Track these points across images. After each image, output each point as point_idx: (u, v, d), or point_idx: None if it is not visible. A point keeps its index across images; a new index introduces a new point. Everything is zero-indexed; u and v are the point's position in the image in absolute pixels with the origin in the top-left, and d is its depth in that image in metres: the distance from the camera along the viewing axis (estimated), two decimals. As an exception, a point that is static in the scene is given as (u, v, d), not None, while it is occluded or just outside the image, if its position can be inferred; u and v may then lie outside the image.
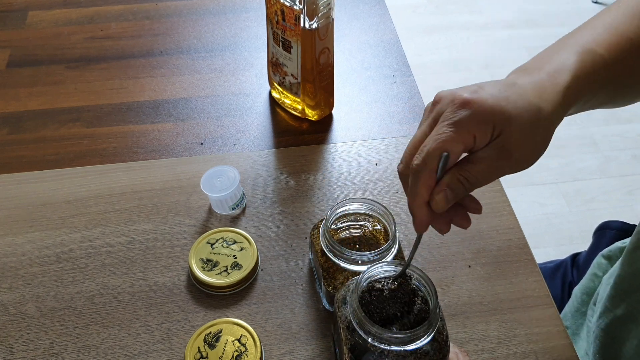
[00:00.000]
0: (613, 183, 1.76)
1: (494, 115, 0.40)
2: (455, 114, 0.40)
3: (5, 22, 0.94)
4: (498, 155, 0.41)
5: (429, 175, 0.41)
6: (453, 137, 0.40)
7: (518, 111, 0.41)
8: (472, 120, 0.40)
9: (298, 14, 0.67)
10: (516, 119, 0.40)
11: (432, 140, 0.41)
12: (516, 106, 0.41)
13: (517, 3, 2.37)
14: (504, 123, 0.40)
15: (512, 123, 0.40)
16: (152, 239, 0.66)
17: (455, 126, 0.40)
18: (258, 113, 0.81)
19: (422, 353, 0.46)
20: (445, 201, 0.42)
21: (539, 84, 0.43)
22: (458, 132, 0.40)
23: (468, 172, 0.41)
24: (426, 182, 0.41)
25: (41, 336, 0.59)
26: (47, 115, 0.80)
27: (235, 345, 0.57)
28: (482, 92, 0.41)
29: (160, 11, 0.96)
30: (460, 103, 0.40)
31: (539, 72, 0.44)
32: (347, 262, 0.54)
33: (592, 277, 0.73)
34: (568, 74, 0.44)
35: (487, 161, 0.41)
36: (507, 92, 0.41)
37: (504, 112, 0.40)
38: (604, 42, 0.47)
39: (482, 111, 0.40)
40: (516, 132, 0.41)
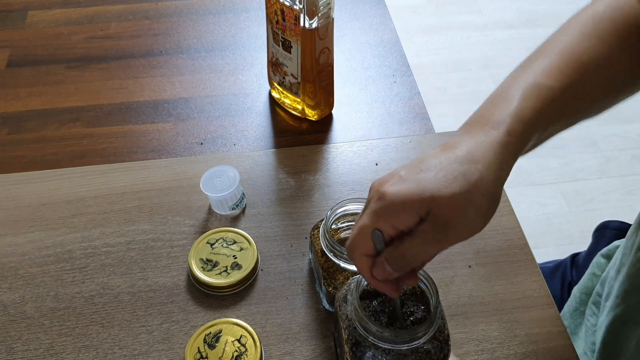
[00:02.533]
0: (613, 183, 1.76)
1: (412, 203, 0.41)
2: (374, 204, 0.42)
3: (5, 22, 0.94)
4: (432, 230, 0.41)
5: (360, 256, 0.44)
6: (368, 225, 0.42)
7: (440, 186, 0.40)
8: (387, 210, 0.41)
9: (298, 13, 0.67)
10: (439, 193, 0.40)
11: (357, 226, 0.43)
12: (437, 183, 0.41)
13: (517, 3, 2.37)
14: (429, 204, 0.40)
15: (437, 200, 0.40)
16: (152, 239, 0.66)
17: (372, 215, 0.42)
18: (258, 113, 0.81)
19: (423, 352, 0.46)
20: (384, 273, 0.43)
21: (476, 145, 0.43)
22: (375, 220, 0.42)
23: (404, 246, 0.42)
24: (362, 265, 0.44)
25: (41, 336, 0.59)
26: (47, 115, 0.80)
27: (235, 345, 0.56)
28: (401, 183, 0.42)
29: (160, 11, 0.96)
30: (377, 196, 0.42)
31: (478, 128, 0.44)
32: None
33: (592, 277, 0.73)
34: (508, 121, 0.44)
35: (423, 235, 0.41)
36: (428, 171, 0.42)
37: (423, 195, 0.40)
38: (554, 70, 0.47)
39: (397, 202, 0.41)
40: (444, 204, 0.40)
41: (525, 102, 0.45)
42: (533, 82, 0.46)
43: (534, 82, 0.46)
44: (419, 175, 0.42)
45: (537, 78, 0.47)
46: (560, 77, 0.47)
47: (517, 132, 0.44)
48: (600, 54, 0.49)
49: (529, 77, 0.47)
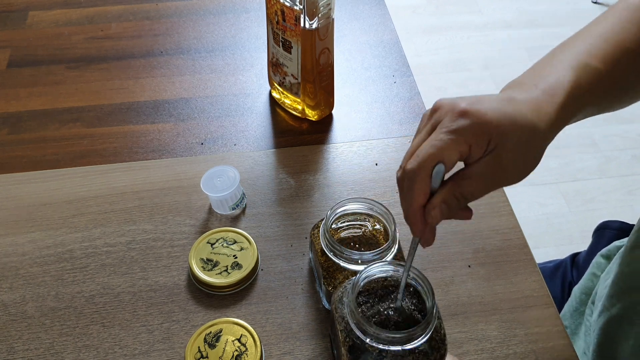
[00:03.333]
0: (613, 183, 1.76)
1: (491, 128, 0.40)
2: (454, 122, 0.41)
3: (6, 22, 0.94)
4: (493, 171, 0.41)
5: (424, 180, 0.41)
6: (450, 144, 0.40)
7: (514, 127, 0.41)
8: (470, 130, 0.40)
9: (298, 14, 0.67)
10: (512, 135, 0.41)
11: (429, 146, 0.41)
12: (513, 122, 0.41)
13: (517, 3, 2.37)
14: (500, 137, 0.40)
15: (508, 139, 0.41)
16: (153, 238, 0.66)
17: (453, 134, 0.40)
18: (258, 113, 0.81)
19: (420, 352, 0.46)
20: (441, 216, 0.42)
21: (536, 101, 0.43)
22: (455, 140, 0.40)
23: (463, 187, 0.42)
24: (421, 187, 0.42)
25: (41, 336, 0.59)
26: (47, 115, 0.80)
27: (235, 345, 0.57)
28: (482, 104, 0.41)
29: (160, 11, 0.96)
30: (459, 112, 0.41)
31: (535, 88, 0.45)
32: (347, 261, 0.54)
33: (591, 277, 0.73)
34: (564, 92, 0.44)
35: (482, 177, 0.41)
36: (505, 107, 0.42)
37: (500, 127, 0.40)
38: (599, 53, 0.47)
39: (480, 122, 0.40)
40: (511, 148, 0.41)
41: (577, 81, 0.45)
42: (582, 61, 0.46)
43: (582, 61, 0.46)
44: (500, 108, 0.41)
45: (585, 58, 0.47)
46: (606, 60, 0.47)
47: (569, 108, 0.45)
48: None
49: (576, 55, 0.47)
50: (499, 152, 0.41)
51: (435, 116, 0.43)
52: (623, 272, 0.60)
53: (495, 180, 0.42)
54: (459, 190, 0.41)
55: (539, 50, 2.12)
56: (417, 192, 0.42)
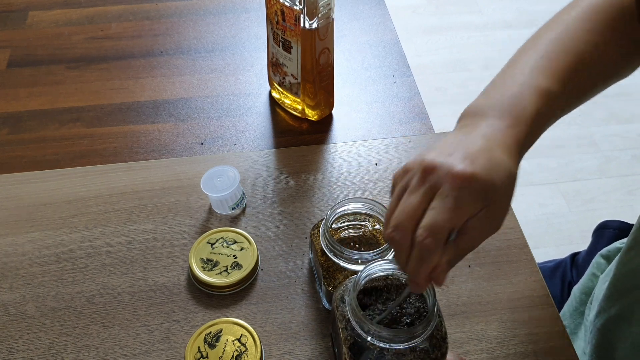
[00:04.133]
0: (613, 183, 1.76)
1: (487, 190, 0.41)
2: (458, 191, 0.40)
3: (6, 22, 0.94)
4: (489, 224, 0.42)
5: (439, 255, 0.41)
6: (460, 214, 0.40)
7: (502, 180, 0.41)
8: (472, 196, 0.40)
9: (298, 14, 0.67)
10: (501, 188, 0.41)
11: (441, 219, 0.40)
12: (500, 175, 0.41)
13: (517, 3, 2.37)
14: (492, 196, 0.41)
15: (499, 193, 0.42)
16: (152, 238, 0.66)
17: (459, 203, 0.40)
18: (258, 113, 0.81)
19: (421, 350, 0.46)
20: (446, 277, 0.43)
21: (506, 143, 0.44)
22: (463, 209, 0.40)
23: (464, 244, 0.42)
24: (435, 259, 0.41)
25: (41, 336, 0.59)
26: (47, 115, 0.80)
27: (235, 345, 0.57)
28: (475, 163, 0.41)
29: (160, 11, 0.96)
30: (461, 180, 0.40)
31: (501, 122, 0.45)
32: (347, 261, 0.54)
33: (591, 277, 0.73)
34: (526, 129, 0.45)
35: (479, 231, 0.42)
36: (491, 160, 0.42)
37: (494, 185, 0.41)
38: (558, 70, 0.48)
39: (480, 187, 0.40)
40: (501, 200, 0.42)
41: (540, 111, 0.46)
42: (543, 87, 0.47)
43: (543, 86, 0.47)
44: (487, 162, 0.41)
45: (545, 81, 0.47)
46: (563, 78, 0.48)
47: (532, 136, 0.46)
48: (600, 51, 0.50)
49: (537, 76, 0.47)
50: (492, 205, 0.42)
51: (432, 179, 0.41)
52: (620, 272, 0.60)
53: (490, 231, 0.43)
54: (460, 249, 0.42)
55: (539, 50, 2.11)
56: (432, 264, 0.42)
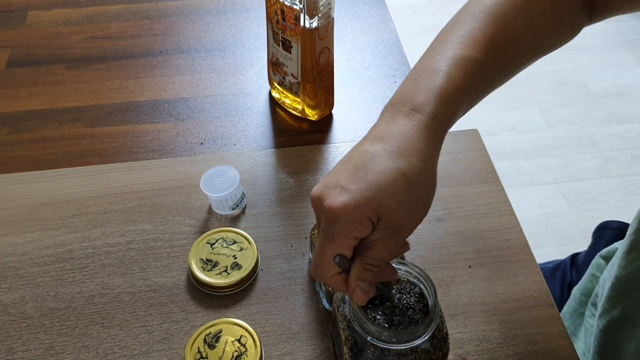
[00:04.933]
0: (613, 183, 1.76)
1: (365, 212, 0.40)
2: (329, 226, 0.41)
3: (5, 22, 0.94)
4: (389, 234, 0.41)
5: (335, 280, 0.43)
6: (336, 245, 0.41)
7: (385, 192, 0.40)
8: (346, 227, 0.40)
9: (298, 13, 0.67)
10: (387, 200, 0.40)
11: (319, 254, 0.42)
12: (381, 188, 0.40)
13: (517, 3, 2.37)
14: (377, 210, 0.40)
15: (386, 206, 0.40)
16: (152, 239, 0.66)
17: (333, 238, 0.41)
18: (258, 113, 0.81)
19: (422, 351, 0.46)
20: (364, 294, 0.43)
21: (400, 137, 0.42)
22: (338, 241, 0.41)
23: (370, 258, 0.42)
24: (335, 285, 0.43)
25: (41, 336, 0.59)
26: (47, 115, 0.80)
27: (235, 345, 0.56)
28: (345, 193, 0.40)
29: (160, 11, 0.96)
30: (330, 215, 0.40)
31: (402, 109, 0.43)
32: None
33: (591, 278, 0.73)
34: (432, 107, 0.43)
35: (382, 242, 0.41)
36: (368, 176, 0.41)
37: (373, 204, 0.40)
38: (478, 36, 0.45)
39: (351, 215, 0.40)
40: (393, 209, 0.40)
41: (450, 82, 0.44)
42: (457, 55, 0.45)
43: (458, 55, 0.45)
44: (361, 182, 0.40)
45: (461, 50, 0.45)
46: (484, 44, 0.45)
47: (443, 115, 0.43)
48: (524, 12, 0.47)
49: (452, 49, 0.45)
50: (385, 218, 0.41)
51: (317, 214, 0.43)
52: (621, 275, 0.60)
53: (396, 238, 0.42)
54: (367, 262, 0.42)
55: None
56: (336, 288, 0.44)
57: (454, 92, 0.44)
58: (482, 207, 0.69)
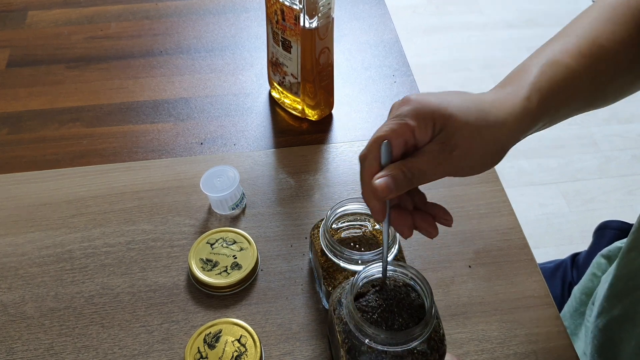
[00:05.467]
0: (613, 183, 1.76)
1: (433, 112, 0.42)
2: (398, 109, 0.43)
3: (5, 22, 0.94)
4: (439, 150, 0.42)
5: (371, 162, 0.43)
6: (393, 128, 0.42)
7: (460, 111, 0.42)
8: (411, 114, 0.42)
9: (298, 13, 0.67)
10: (457, 117, 0.42)
11: (376, 132, 0.43)
12: (458, 107, 0.43)
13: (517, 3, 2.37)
14: (444, 120, 0.42)
15: (453, 121, 0.42)
16: (152, 239, 0.66)
17: (396, 118, 0.43)
18: (258, 113, 0.81)
19: (418, 353, 0.46)
20: (387, 188, 0.42)
21: (499, 97, 0.45)
22: (398, 124, 0.42)
23: (410, 163, 0.43)
24: (369, 169, 0.43)
25: (41, 336, 0.59)
26: (47, 115, 0.80)
27: (235, 345, 0.56)
28: (430, 95, 0.44)
29: (160, 11, 0.96)
30: (403, 100, 0.44)
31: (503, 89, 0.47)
32: (347, 262, 0.54)
33: (592, 277, 0.73)
34: (527, 88, 0.46)
35: (429, 155, 0.43)
36: (453, 96, 0.44)
37: (443, 110, 0.42)
38: (571, 49, 0.48)
39: (421, 107, 0.42)
40: (458, 130, 0.42)
41: (543, 76, 0.47)
42: (551, 59, 0.48)
43: (552, 58, 0.48)
44: (445, 96, 0.44)
45: (556, 56, 0.48)
46: (578, 57, 0.48)
47: (534, 100, 0.46)
48: (618, 39, 0.50)
49: (547, 54, 0.49)
50: (445, 133, 0.42)
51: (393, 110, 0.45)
52: (621, 273, 0.60)
53: (444, 161, 0.43)
54: (405, 165, 0.42)
55: (539, 50, 2.11)
56: (366, 174, 0.43)
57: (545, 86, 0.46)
58: (482, 207, 0.69)
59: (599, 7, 0.52)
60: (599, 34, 0.49)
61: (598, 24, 0.50)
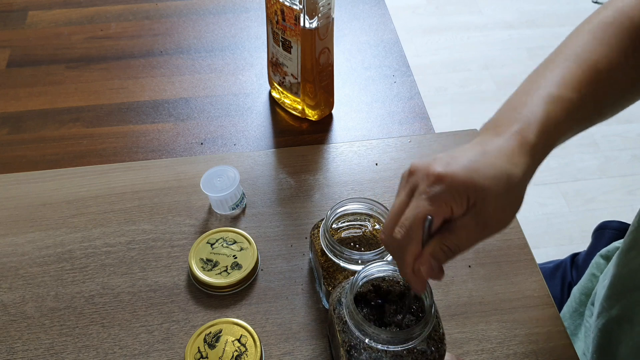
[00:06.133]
0: (613, 183, 1.76)
1: (467, 188, 0.42)
2: (431, 188, 0.42)
3: (5, 22, 0.94)
4: (476, 224, 0.43)
5: (415, 246, 0.43)
6: (431, 210, 0.42)
7: (490, 182, 0.42)
8: (447, 193, 0.42)
9: (298, 13, 0.67)
10: (489, 189, 0.42)
11: (412, 215, 0.43)
12: (487, 177, 0.42)
13: (517, 3, 2.37)
14: (477, 194, 0.42)
15: (485, 194, 0.42)
16: (152, 239, 0.66)
17: (431, 200, 0.42)
18: (258, 113, 0.81)
19: (419, 352, 0.46)
20: (431, 271, 0.43)
21: (508, 146, 0.44)
22: (435, 205, 0.42)
23: (450, 241, 0.43)
24: (413, 252, 0.43)
25: (41, 336, 0.59)
26: (47, 115, 0.80)
27: (235, 345, 0.56)
28: (455, 164, 0.42)
29: (160, 11, 0.96)
30: (434, 178, 0.42)
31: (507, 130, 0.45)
32: (347, 261, 0.54)
33: (591, 277, 0.73)
34: (535, 131, 0.45)
35: (467, 230, 0.43)
36: (477, 163, 0.43)
37: (476, 184, 0.42)
38: (573, 81, 0.48)
39: (455, 185, 0.42)
40: (490, 201, 0.42)
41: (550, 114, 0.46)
42: (554, 94, 0.47)
43: (554, 94, 0.47)
44: (471, 164, 0.43)
45: (558, 89, 0.48)
46: (578, 87, 0.48)
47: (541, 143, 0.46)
48: (614, 62, 0.49)
49: (547, 88, 0.48)
50: (479, 206, 0.42)
51: (411, 180, 0.44)
52: (620, 273, 0.60)
53: (480, 232, 0.43)
54: (446, 244, 0.43)
55: (539, 50, 2.11)
56: (409, 258, 0.44)
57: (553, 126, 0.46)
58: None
59: (589, 31, 0.51)
60: (595, 58, 0.49)
61: (593, 46, 0.50)
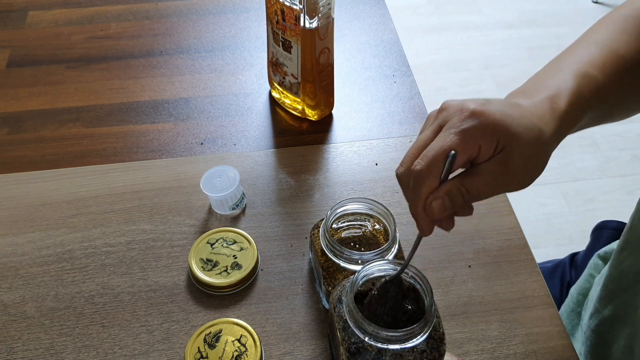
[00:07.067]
0: (613, 183, 1.76)
1: (499, 130, 0.40)
2: (463, 122, 0.40)
3: (5, 22, 0.94)
4: (500, 171, 0.41)
5: (433, 180, 0.41)
6: (458, 144, 0.40)
7: (522, 130, 0.41)
8: (479, 130, 0.40)
9: (298, 13, 0.67)
10: (519, 137, 0.41)
11: (438, 146, 0.40)
12: (520, 125, 0.41)
13: (517, 3, 2.37)
14: (507, 139, 0.40)
15: (515, 141, 0.41)
16: (152, 239, 0.66)
17: (462, 134, 0.40)
18: (258, 113, 0.81)
19: (419, 351, 0.46)
20: (442, 209, 0.41)
21: (540, 107, 0.43)
22: (464, 140, 0.40)
23: (469, 183, 0.41)
24: (430, 186, 0.41)
25: (41, 336, 0.59)
26: (47, 115, 0.80)
27: (235, 345, 0.57)
28: (490, 105, 0.41)
29: (160, 11, 0.96)
30: (469, 113, 0.40)
31: (538, 95, 0.45)
32: (347, 261, 0.54)
33: (588, 278, 0.73)
34: (566, 100, 0.44)
35: (489, 175, 0.41)
36: (512, 110, 0.42)
37: (509, 128, 0.40)
38: (597, 62, 0.48)
39: (489, 123, 0.40)
40: (518, 150, 0.41)
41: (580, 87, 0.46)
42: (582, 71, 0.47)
43: (582, 70, 0.47)
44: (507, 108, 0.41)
45: (585, 67, 0.47)
46: (602, 68, 0.48)
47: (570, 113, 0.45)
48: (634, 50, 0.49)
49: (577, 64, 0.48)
50: (507, 153, 0.41)
51: (442, 116, 0.42)
52: (613, 274, 0.60)
53: (501, 182, 0.42)
54: (464, 185, 0.41)
55: (539, 50, 2.11)
56: (425, 191, 0.41)
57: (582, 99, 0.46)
58: (482, 207, 0.69)
59: (612, 18, 0.52)
60: (618, 45, 0.49)
61: (615, 35, 0.50)
